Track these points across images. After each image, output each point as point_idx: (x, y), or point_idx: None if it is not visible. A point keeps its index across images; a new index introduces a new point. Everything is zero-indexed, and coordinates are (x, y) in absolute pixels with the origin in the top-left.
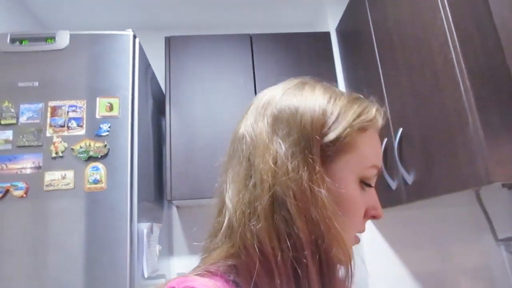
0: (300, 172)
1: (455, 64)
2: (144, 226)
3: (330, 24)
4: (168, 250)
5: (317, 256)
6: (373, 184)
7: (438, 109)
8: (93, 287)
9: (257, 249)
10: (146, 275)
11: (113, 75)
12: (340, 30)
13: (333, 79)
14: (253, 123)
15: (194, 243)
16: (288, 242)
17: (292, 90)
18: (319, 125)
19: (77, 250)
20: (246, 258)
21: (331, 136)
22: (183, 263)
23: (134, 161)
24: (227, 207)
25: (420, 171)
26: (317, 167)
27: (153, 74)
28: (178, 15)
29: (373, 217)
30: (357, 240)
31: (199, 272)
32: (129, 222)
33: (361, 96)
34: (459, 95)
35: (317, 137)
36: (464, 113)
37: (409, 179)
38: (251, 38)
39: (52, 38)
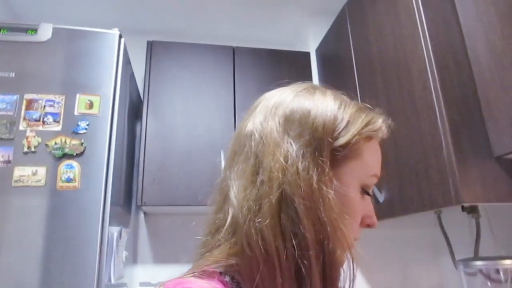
0: (310, 172)
1: (433, 90)
2: (115, 230)
3: (310, 45)
4: (132, 258)
5: (321, 257)
6: (371, 193)
7: (414, 132)
8: None
9: (261, 247)
10: (113, 281)
11: (95, 73)
12: (320, 51)
13: None
14: (262, 121)
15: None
16: (293, 241)
17: (304, 93)
18: (330, 129)
19: (43, 250)
20: (249, 256)
21: (341, 141)
22: (146, 272)
23: (110, 162)
24: (232, 203)
25: (392, 190)
26: (326, 169)
27: (133, 75)
28: (162, 20)
29: (368, 226)
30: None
31: (195, 274)
32: (101, 224)
33: (369, 106)
34: (434, 119)
35: (329, 139)
36: (438, 136)
37: (381, 197)
38: (234, 50)
39: (34, 30)
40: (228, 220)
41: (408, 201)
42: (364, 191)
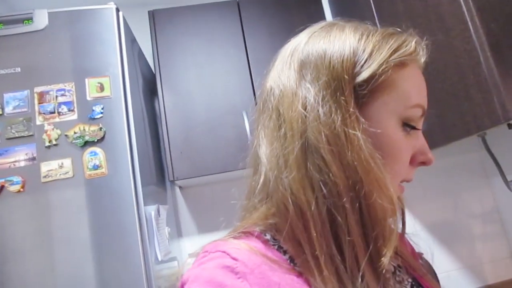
0: (332, 115)
1: (462, 1)
2: (151, 209)
3: None
4: (177, 232)
5: (357, 204)
6: (419, 126)
7: (446, 52)
8: (106, 277)
9: (291, 202)
10: (160, 258)
11: (99, 53)
12: None
13: None
14: (280, 73)
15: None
16: (324, 190)
17: (319, 33)
18: (350, 65)
19: (85, 241)
20: (284, 214)
21: (364, 74)
22: (193, 244)
23: (133, 142)
24: (262, 162)
25: (431, 119)
26: (350, 109)
27: (140, 51)
28: None
29: (423, 163)
30: (401, 189)
31: (235, 235)
32: (136, 206)
33: (399, 29)
34: (468, 34)
35: (346, 76)
36: (475, 52)
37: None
38: (238, 4)
39: (30, 19)
40: (261, 181)
41: (451, 127)
42: (408, 125)
